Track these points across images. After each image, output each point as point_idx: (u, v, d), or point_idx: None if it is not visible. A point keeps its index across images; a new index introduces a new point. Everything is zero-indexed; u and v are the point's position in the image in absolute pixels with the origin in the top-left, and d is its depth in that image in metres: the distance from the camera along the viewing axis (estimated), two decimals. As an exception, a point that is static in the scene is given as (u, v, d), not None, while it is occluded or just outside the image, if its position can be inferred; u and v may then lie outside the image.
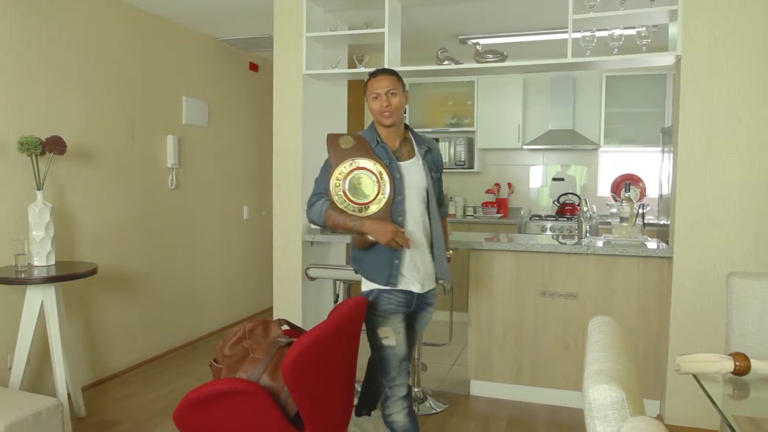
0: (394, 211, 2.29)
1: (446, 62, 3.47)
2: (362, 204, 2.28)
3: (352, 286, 3.65)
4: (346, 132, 2.69)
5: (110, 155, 3.82)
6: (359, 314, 2.16)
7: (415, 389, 3.47)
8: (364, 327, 2.33)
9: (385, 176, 2.26)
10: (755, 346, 1.97)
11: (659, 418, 3.21)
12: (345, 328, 2.05)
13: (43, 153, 3.08)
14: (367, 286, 2.40)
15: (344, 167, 2.29)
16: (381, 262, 2.34)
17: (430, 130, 5.81)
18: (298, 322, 3.54)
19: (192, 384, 3.62)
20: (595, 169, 5.75)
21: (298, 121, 3.64)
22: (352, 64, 3.82)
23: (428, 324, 2.55)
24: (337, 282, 3.63)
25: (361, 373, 2.39)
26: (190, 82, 4.58)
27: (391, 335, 2.33)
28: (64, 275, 2.99)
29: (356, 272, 2.48)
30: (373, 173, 2.27)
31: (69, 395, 3.08)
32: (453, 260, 5.16)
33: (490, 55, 3.38)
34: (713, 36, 2.98)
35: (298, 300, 3.66)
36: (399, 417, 2.34)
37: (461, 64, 3.48)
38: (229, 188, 5.11)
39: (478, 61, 3.41)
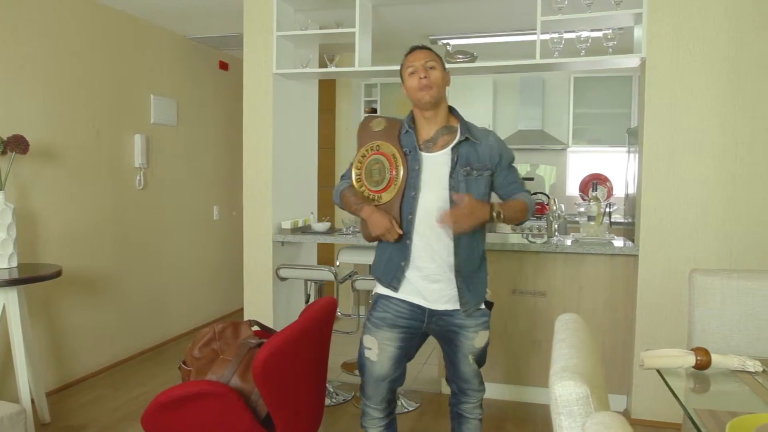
0: (405, 206, 2.05)
1: (417, 62, 3.48)
2: (375, 192, 2.09)
3: (323, 286, 3.64)
4: (382, 115, 2.35)
5: (75, 155, 3.74)
6: (330, 314, 2.16)
7: (387, 388, 3.47)
8: (336, 327, 2.31)
9: (401, 166, 2.04)
10: (716, 341, 2.03)
11: (626, 412, 3.28)
12: (316, 328, 2.05)
13: (4, 152, 3.01)
14: (375, 288, 2.19)
15: (366, 150, 2.13)
16: (387, 262, 2.12)
17: (401, 129, 5.81)
18: (269, 323, 3.52)
19: (161, 387, 3.56)
20: (563, 168, 5.85)
21: (269, 120, 3.62)
22: (322, 64, 3.81)
23: (474, 354, 2.15)
24: (308, 282, 3.62)
25: (332, 374, 2.38)
26: (159, 80, 4.51)
27: (375, 348, 2.09)
28: (26, 278, 2.92)
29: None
30: (389, 160, 2.07)
31: (33, 401, 3.01)
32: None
33: (460, 56, 3.41)
34: (676, 39, 3.06)
35: (268, 301, 3.64)
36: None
37: (432, 64, 3.49)
38: (198, 188, 5.05)
39: (448, 62, 3.43)
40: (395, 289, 2.09)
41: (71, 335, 3.74)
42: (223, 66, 5.34)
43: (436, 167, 2.05)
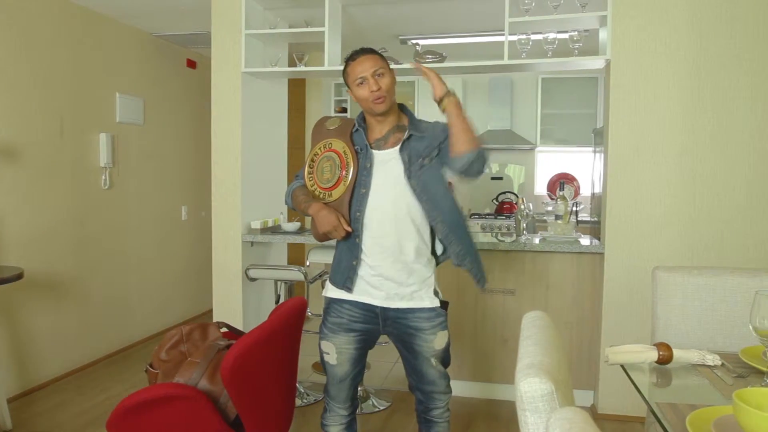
0: (354, 204, 2.01)
1: (386, 62, 3.49)
2: (325, 189, 2.05)
3: (293, 287, 3.62)
4: (339, 115, 2.33)
5: (37, 154, 3.65)
6: (300, 315, 2.15)
7: (359, 388, 3.47)
8: (307, 328, 2.29)
9: (351, 162, 2.01)
10: (678, 336, 2.08)
11: (593, 407, 3.34)
12: (285, 329, 2.04)
13: (-38, 152, 2.92)
14: (326, 291, 2.15)
15: (319, 148, 2.11)
16: (338, 262, 2.10)
17: (372, 129, 5.83)
18: (239, 325, 3.49)
19: (127, 391, 3.50)
20: (531, 168, 5.93)
21: (237, 119, 3.59)
22: (292, 63, 3.78)
23: (436, 356, 2.10)
24: (278, 282, 3.60)
25: (303, 374, 2.36)
26: (124, 78, 4.43)
27: (333, 353, 2.08)
28: (-14, 281, 2.84)
29: None
30: (340, 157, 2.04)
31: (-7, 407, 2.93)
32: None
33: (430, 56, 3.43)
34: (640, 42, 3.13)
35: (238, 302, 3.60)
36: (335, 430, 2.21)
37: (401, 64, 3.51)
38: (166, 188, 4.98)
39: (417, 62, 3.45)
40: (349, 289, 2.05)
41: (33, 339, 3.65)
42: (191, 64, 5.27)
43: (387, 166, 2.03)
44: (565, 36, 3.25)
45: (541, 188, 5.86)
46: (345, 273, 2.06)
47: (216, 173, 3.66)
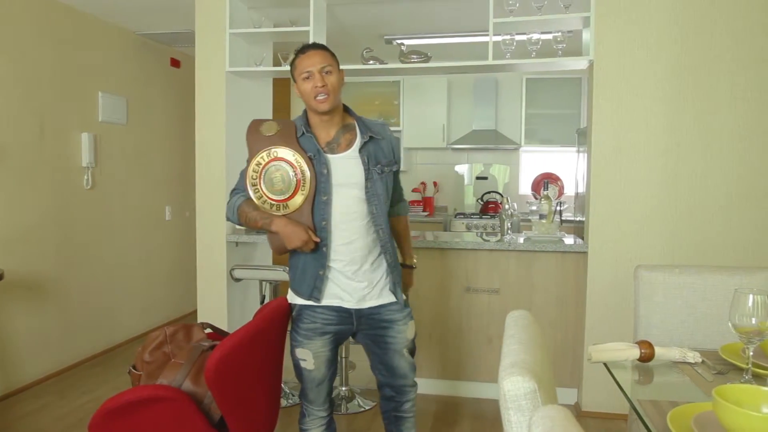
0: (316, 212, 1.97)
1: (371, 62, 3.49)
2: (279, 201, 1.97)
3: (278, 287, 3.61)
4: (271, 118, 2.29)
5: (17, 153, 3.60)
6: (284, 315, 2.14)
7: (343, 388, 3.47)
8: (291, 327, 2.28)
9: (307, 170, 1.95)
10: (659, 334, 2.10)
11: (577, 405, 3.37)
12: (269, 329, 2.03)
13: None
14: (292, 299, 2.11)
15: (261, 158, 1.99)
16: (305, 272, 2.04)
17: (357, 129, 5.83)
18: (224, 325, 3.47)
19: (110, 393, 3.46)
20: (516, 168, 5.96)
21: (221, 119, 3.57)
22: (277, 62, 3.77)
23: (407, 348, 2.17)
24: (263, 283, 3.58)
25: (288, 374, 2.35)
26: (107, 77, 4.38)
27: (309, 359, 2.07)
28: (-35, 282, 2.80)
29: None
30: (292, 166, 1.96)
31: (-27, 410, 2.89)
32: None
33: (415, 56, 3.43)
34: (623, 43, 3.16)
35: (223, 302, 3.58)
36: None
37: (386, 64, 3.52)
38: (150, 188, 4.93)
39: (402, 62, 3.46)
40: (317, 299, 2.04)
41: (14, 342, 3.60)
42: (175, 63, 5.23)
43: (347, 169, 2.00)
44: (549, 37, 3.27)
45: (525, 188, 5.90)
46: (311, 283, 2.03)
47: (200, 173, 3.64)
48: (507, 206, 3.68)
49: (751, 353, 1.47)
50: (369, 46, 3.61)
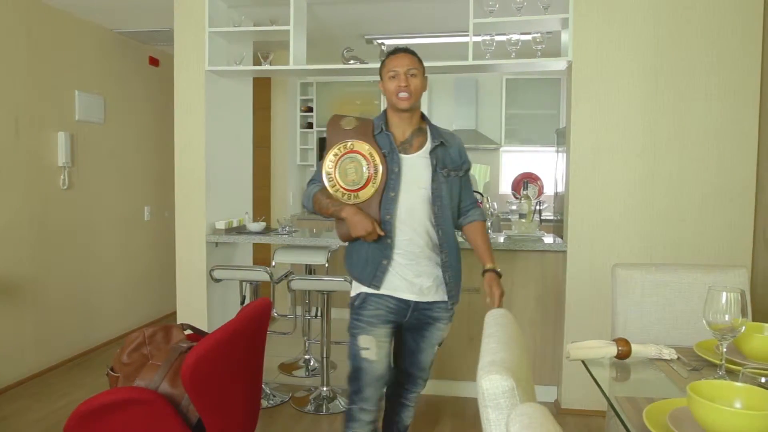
0: (383, 206, 2.08)
1: (352, 61, 3.49)
2: (351, 191, 2.09)
3: (259, 287, 3.59)
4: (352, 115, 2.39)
5: (-9, 153, 3.53)
6: (264, 316, 2.13)
7: (324, 388, 3.46)
8: (272, 328, 2.29)
9: (379, 164, 2.07)
10: (636, 331, 2.13)
11: (557, 402, 3.40)
12: (249, 330, 2.02)
13: None
14: (355, 289, 2.19)
15: (338, 149, 2.13)
16: (368, 260, 2.13)
17: (338, 129, 5.83)
18: (204, 326, 3.44)
19: (87, 396, 3.39)
20: (496, 167, 5.99)
21: (201, 118, 3.54)
22: (257, 61, 3.75)
23: (439, 344, 2.30)
24: (243, 283, 3.56)
25: (269, 375, 2.34)
26: (84, 75, 4.32)
27: (373, 347, 2.10)
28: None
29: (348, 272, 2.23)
30: (366, 159, 2.08)
31: (-55, 415, 2.83)
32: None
33: (395, 56, 3.43)
34: (600, 44, 3.19)
35: (203, 303, 3.55)
36: None
37: (366, 63, 3.51)
38: (128, 188, 4.87)
39: (382, 61, 3.45)
40: (376, 287, 2.12)
41: (-12, 344, 3.53)
42: (153, 62, 5.17)
43: (416, 169, 2.12)
44: (528, 38, 3.30)
45: (505, 187, 5.94)
46: (372, 272, 2.12)
47: (179, 173, 3.61)
48: (487, 205, 3.70)
49: (725, 349, 1.50)
50: (349, 46, 3.61)
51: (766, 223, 3.02)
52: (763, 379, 1.25)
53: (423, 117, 2.25)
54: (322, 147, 5.82)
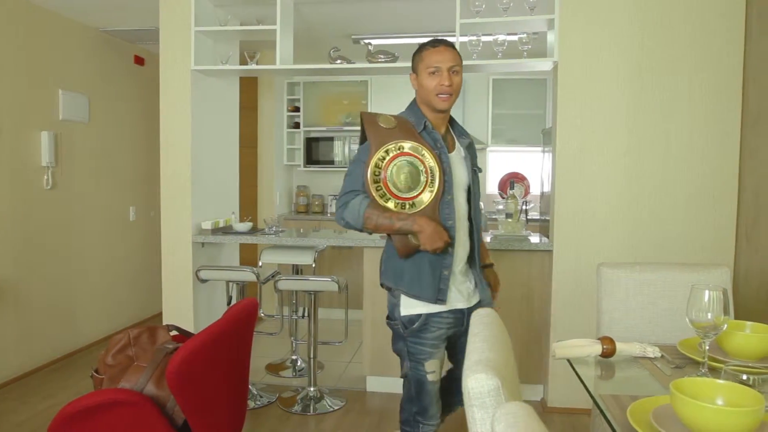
0: (442, 211, 1.90)
1: (338, 61, 3.49)
2: (405, 199, 1.86)
3: (245, 288, 3.58)
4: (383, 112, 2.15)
5: (-27, 153, 3.48)
6: (250, 316, 2.12)
7: (311, 389, 3.46)
8: (259, 329, 2.25)
9: (435, 166, 1.87)
10: (621, 330, 2.15)
11: (543, 401, 3.42)
12: (235, 330, 2.01)
13: None
14: (410, 308, 1.96)
15: (385, 152, 1.86)
16: (426, 274, 1.93)
17: (324, 128, 5.83)
18: (190, 327, 3.42)
19: (72, 398, 3.37)
20: (483, 167, 5.99)
21: (187, 118, 3.52)
22: (243, 61, 3.73)
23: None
24: (230, 284, 3.55)
25: (256, 376, 2.32)
26: (68, 74, 4.27)
27: (438, 369, 2.01)
28: None
29: (390, 291, 2.00)
30: (420, 161, 1.86)
31: (-74, 418, 2.79)
32: (350, 259, 5.20)
33: (382, 56, 3.44)
34: (586, 44, 3.22)
35: (189, 304, 3.53)
36: None
37: (353, 63, 3.51)
38: (113, 188, 4.83)
39: (370, 61, 3.46)
40: (443, 301, 1.96)
41: (-30, 346, 3.48)
42: (139, 61, 5.13)
43: (458, 169, 1.99)
44: (515, 38, 3.31)
45: (492, 187, 5.95)
46: (435, 285, 1.94)
47: (165, 173, 3.58)
48: (474, 205, 3.71)
49: (707, 347, 1.51)
50: (336, 46, 3.61)
51: (748, 222, 3.06)
52: (744, 376, 1.26)
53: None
54: (310, 147, 5.81)
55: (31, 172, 3.94)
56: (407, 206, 1.87)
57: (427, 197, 1.87)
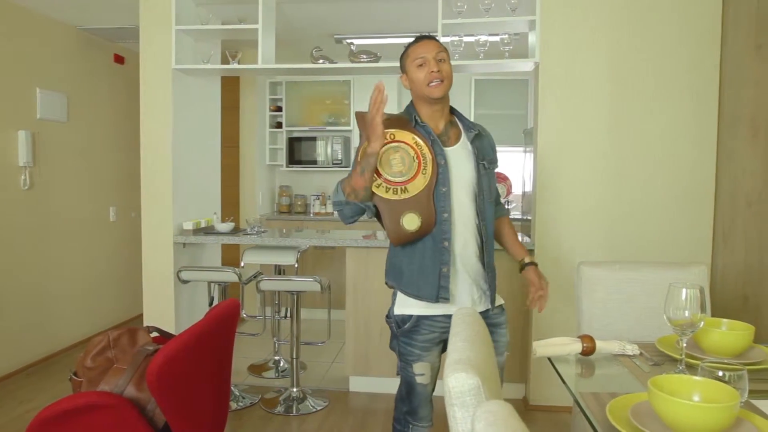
0: (438, 203, 1.87)
1: (321, 61, 3.48)
2: (398, 183, 1.84)
3: (227, 288, 3.55)
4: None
5: (-52, 152, 3.42)
6: (232, 317, 2.11)
7: (294, 389, 3.45)
8: (242, 330, 2.24)
9: (427, 153, 1.86)
10: (601, 328, 2.17)
11: (525, 399, 3.44)
12: (216, 331, 1.99)
13: None
14: (404, 308, 1.95)
15: None
16: (425, 271, 1.91)
17: (307, 128, 5.81)
18: (171, 329, 3.39)
19: (50, 402, 3.32)
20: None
21: (168, 117, 3.49)
22: (225, 60, 3.71)
23: (507, 345, 2.10)
24: (212, 284, 3.52)
25: (238, 377, 2.31)
26: (46, 73, 4.21)
27: (427, 372, 1.97)
28: None
29: (391, 288, 1.99)
30: (411, 147, 1.86)
31: None
32: (332, 259, 5.18)
33: (364, 56, 3.44)
34: (566, 46, 3.25)
35: (170, 305, 3.50)
36: None
37: (336, 63, 3.51)
38: (93, 188, 4.77)
39: (352, 61, 3.45)
40: (446, 300, 1.90)
41: (-55, 350, 3.42)
42: (119, 60, 5.07)
43: (460, 162, 1.94)
44: (497, 39, 3.33)
45: (475, 187, 5.98)
46: (435, 282, 1.90)
47: (146, 173, 3.55)
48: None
49: (684, 345, 1.54)
50: (318, 45, 3.60)
51: (724, 222, 3.11)
52: (720, 373, 1.28)
53: (452, 109, 2.06)
54: (292, 147, 5.79)
55: (8, 172, 3.88)
56: (399, 191, 1.86)
57: (421, 183, 1.86)
